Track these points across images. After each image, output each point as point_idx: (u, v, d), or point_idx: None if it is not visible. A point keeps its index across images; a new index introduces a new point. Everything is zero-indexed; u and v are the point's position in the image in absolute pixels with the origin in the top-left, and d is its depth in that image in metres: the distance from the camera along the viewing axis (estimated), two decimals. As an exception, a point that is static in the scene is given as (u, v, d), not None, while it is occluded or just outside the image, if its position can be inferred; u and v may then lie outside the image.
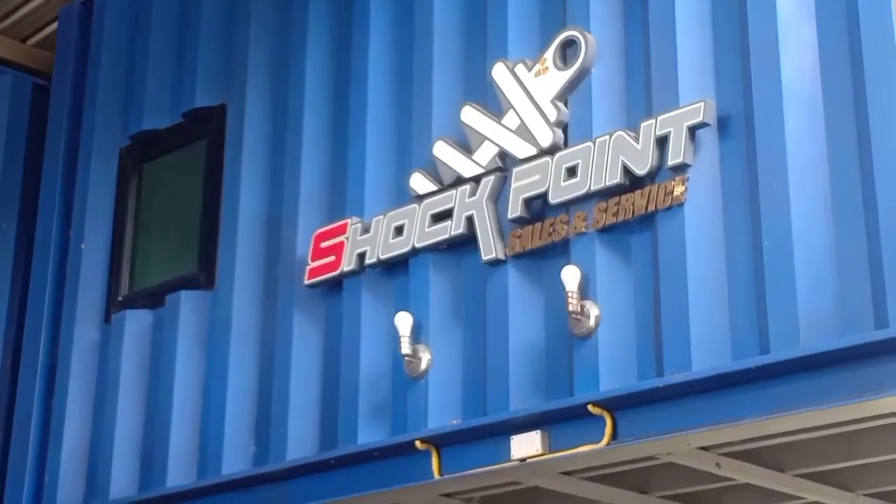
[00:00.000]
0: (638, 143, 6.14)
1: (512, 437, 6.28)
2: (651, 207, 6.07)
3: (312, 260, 7.31)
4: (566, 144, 6.49)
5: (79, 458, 8.19)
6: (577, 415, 6.05)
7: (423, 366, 6.74)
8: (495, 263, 6.59)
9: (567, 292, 6.13)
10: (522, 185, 6.52)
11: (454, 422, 6.57)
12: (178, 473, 7.63)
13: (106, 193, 8.72)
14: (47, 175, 9.10)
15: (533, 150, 6.56)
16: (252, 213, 7.81)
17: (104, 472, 7.98)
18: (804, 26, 5.81)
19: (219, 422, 7.50)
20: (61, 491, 8.14)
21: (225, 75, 8.25)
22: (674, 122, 6.03)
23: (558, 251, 6.41)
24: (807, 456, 6.54)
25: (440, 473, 6.55)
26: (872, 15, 5.57)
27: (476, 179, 6.75)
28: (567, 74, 6.53)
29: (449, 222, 6.79)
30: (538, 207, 6.52)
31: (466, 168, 6.80)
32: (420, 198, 6.95)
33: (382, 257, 7.02)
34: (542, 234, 6.47)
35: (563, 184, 6.37)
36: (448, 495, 7.25)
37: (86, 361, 8.40)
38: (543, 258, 6.48)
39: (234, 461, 7.41)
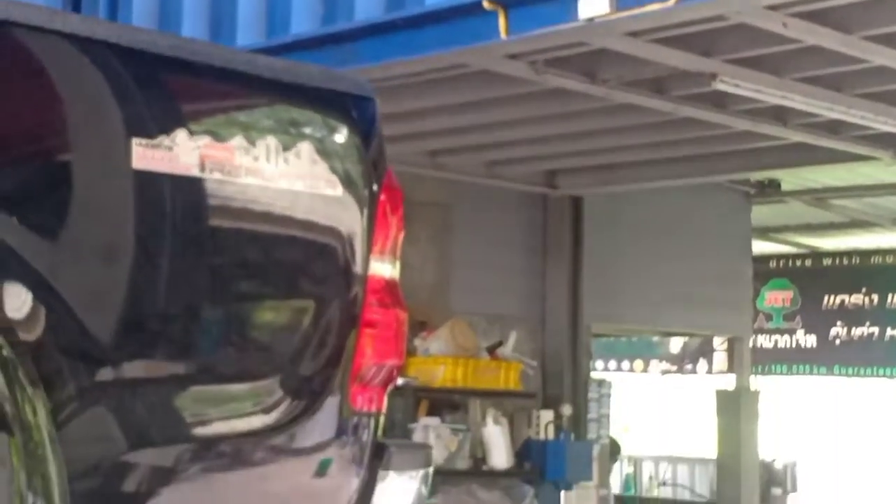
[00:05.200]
0: None
1: (580, -4, 6.26)
2: None
3: None
4: None
5: (149, 15, 8.26)
6: (646, -26, 6.01)
7: (492, -79, 6.65)
8: None
9: None
10: None
11: (522, -18, 6.55)
12: (248, 33, 7.71)
13: None
14: None
15: None
16: None
17: (174, 29, 8.06)
18: None
19: (286, -19, 7.51)
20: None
21: None
22: None
23: None
24: (876, 17, 6.51)
25: (507, 33, 6.57)
26: None
27: None
28: None
29: None
30: None
31: None
32: None
33: None
34: None
35: None
36: (513, 56, 7.34)
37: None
38: None
39: (303, 21, 7.46)
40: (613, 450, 13.20)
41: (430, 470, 3.44)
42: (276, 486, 3.12)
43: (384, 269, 3.25)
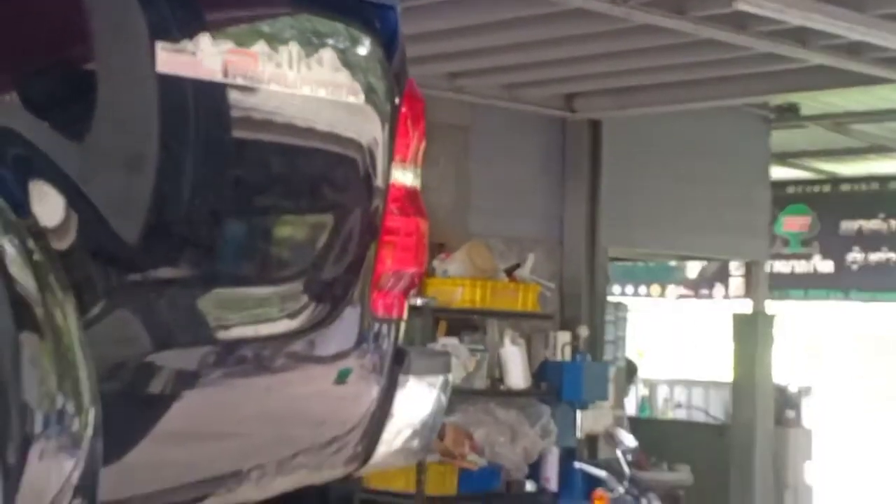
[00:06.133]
0: None
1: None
2: None
3: None
4: None
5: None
6: None
7: None
8: None
9: None
10: None
11: None
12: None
13: None
14: None
15: None
16: None
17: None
18: None
19: None
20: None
21: None
22: None
23: None
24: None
25: (527, -48, 6.57)
26: None
27: None
28: None
29: None
30: None
31: None
32: None
33: None
34: None
35: None
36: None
37: None
38: None
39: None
40: (631, 371, 13.29)
41: (450, 377, 3.48)
42: (297, 391, 3.17)
43: (405, 177, 3.28)
